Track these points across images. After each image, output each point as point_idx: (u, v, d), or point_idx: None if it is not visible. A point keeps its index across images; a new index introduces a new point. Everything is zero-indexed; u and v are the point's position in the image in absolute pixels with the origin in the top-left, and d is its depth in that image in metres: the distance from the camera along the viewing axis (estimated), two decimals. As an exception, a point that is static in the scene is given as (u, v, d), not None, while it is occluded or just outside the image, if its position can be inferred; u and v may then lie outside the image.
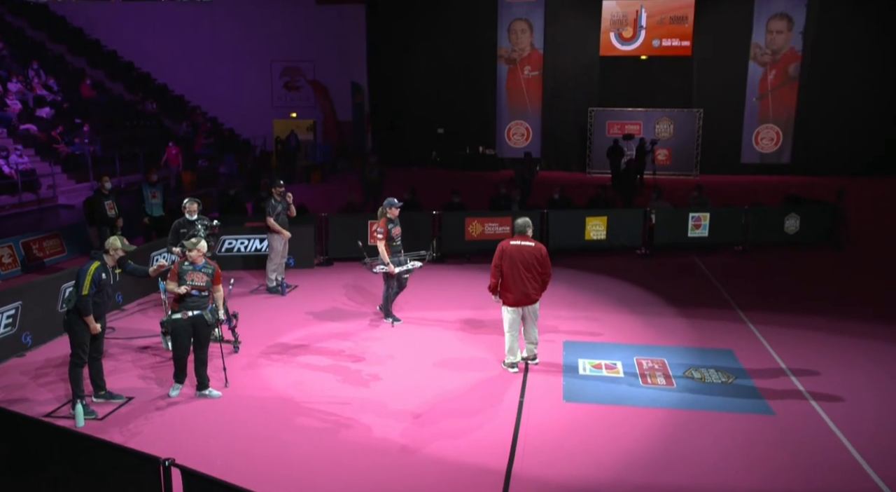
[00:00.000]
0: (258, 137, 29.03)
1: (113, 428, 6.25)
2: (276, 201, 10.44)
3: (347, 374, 7.56)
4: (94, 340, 6.54)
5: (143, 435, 6.12)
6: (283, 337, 8.71)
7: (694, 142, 26.46)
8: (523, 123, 28.18)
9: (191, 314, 6.66)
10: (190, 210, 8.84)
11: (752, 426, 6.38)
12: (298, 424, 6.39)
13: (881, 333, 8.91)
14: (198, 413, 6.59)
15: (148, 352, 8.15)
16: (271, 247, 10.52)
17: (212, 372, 7.04)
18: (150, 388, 7.13)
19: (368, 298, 10.43)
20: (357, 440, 6.12)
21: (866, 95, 25.54)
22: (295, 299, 10.39)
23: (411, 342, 8.57)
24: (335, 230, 12.45)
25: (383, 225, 8.95)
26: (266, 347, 8.34)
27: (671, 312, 9.81)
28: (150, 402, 6.79)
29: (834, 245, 13.68)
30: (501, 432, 6.27)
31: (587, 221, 13.13)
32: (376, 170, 16.33)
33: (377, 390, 7.16)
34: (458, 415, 6.61)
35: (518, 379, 7.40)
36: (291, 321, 9.32)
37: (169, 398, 6.84)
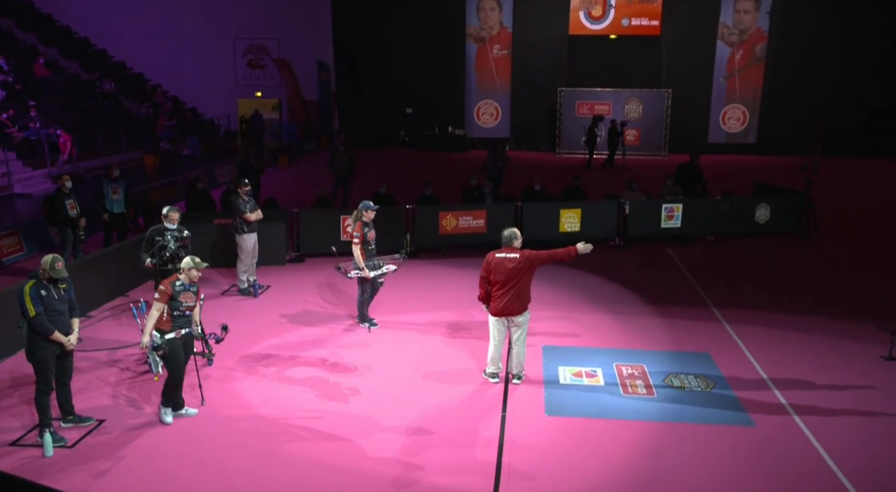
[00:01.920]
0: (222, 117, 28.35)
1: (83, 457, 6.02)
2: (244, 201, 10.14)
3: (324, 387, 7.42)
4: (61, 361, 6.28)
5: (115, 470, 5.89)
6: (257, 345, 8.51)
7: (663, 122, 26.55)
8: (492, 102, 27.94)
9: (183, 332, 6.53)
10: (172, 219, 8.41)
11: (733, 439, 6.42)
12: (276, 451, 6.22)
13: (852, 331, 9.04)
14: (172, 438, 6.39)
15: (118, 366, 7.89)
16: (240, 248, 10.25)
17: (186, 388, 6.84)
18: (122, 407, 6.90)
19: (343, 299, 10.26)
20: (336, 464, 6.00)
21: (831, 76, 25.84)
22: (268, 301, 10.16)
23: (389, 350, 8.44)
24: (307, 226, 12.19)
25: (359, 229, 8.77)
26: (240, 357, 8.14)
27: (647, 310, 9.83)
28: (123, 424, 6.57)
29: (802, 234, 13.86)
30: (486, 450, 6.21)
31: (561, 213, 13.07)
32: (346, 158, 15.99)
33: (355, 405, 7.03)
34: (441, 433, 6.52)
35: (499, 391, 7.34)
36: (265, 327, 9.11)
37: (142, 420, 6.63)
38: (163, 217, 8.45)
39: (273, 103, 29.45)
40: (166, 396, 6.59)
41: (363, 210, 8.82)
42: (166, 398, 6.59)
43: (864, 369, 7.90)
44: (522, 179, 18.49)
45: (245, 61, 29.39)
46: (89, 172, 19.38)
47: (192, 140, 24.58)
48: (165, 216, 8.42)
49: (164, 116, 25.51)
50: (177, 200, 16.86)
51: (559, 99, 26.67)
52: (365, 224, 8.82)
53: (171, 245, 8.16)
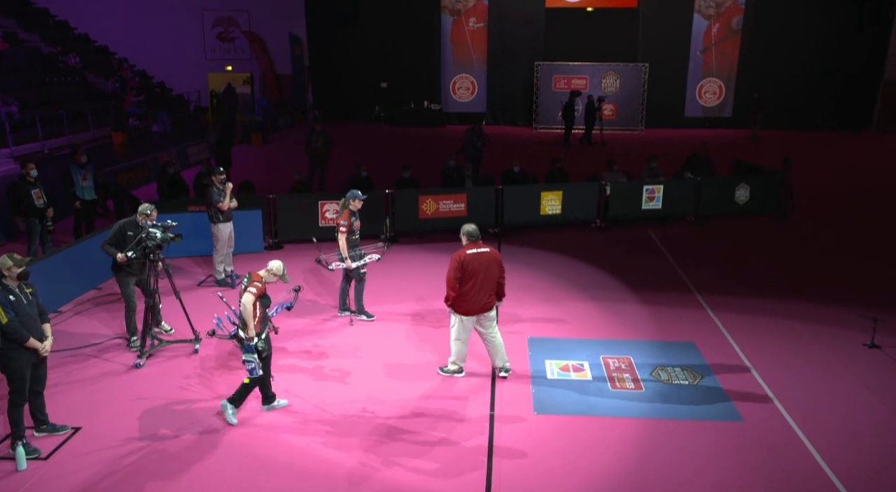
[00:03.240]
0: (192, 92, 27.60)
1: (59, 470, 5.81)
2: (218, 190, 9.82)
3: (304, 385, 7.25)
4: (35, 370, 6.02)
5: (93, 482, 5.69)
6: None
7: (639, 96, 26.42)
8: (469, 76, 27.55)
9: (265, 334, 6.55)
10: (152, 218, 7.89)
11: (722, 435, 6.40)
12: (263, 455, 6.08)
13: (834, 317, 9.08)
14: (152, 445, 6.20)
15: (90, 365, 7.63)
16: (216, 238, 9.96)
17: (172, 381, 6.63)
18: (98, 411, 6.68)
19: (324, 288, 10.07)
20: (319, 471, 5.87)
21: (807, 50, 25.84)
22: (245, 292, 9.91)
23: (371, 341, 8.29)
24: (284, 212, 11.90)
25: (347, 218, 8.51)
26: (219, 352, 7.92)
27: (631, 297, 9.78)
28: (100, 431, 6.35)
29: (780, 214, 13.90)
30: (475, 452, 6.12)
31: (542, 195, 12.93)
32: (322, 139, 15.63)
33: (339, 402, 6.88)
34: (428, 433, 6.41)
35: (486, 387, 7.24)
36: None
37: (120, 426, 6.42)
38: (141, 215, 7.87)
39: (245, 78, 28.74)
40: (243, 397, 6.52)
41: (351, 199, 8.55)
42: (239, 397, 6.53)
43: (847, 358, 7.93)
44: (501, 157, 18.32)
45: (214, 34, 28.56)
46: (55, 151, 18.75)
47: (161, 116, 23.89)
48: (147, 215, 7.86)
49: (131, 92, 24.72)
50: (147, 183, 16.44)
51: (536, 73, 26.36)
52: (352, 213, 8.57)
53: (157, 236, 7.69)
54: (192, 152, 19.17)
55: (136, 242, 7.74)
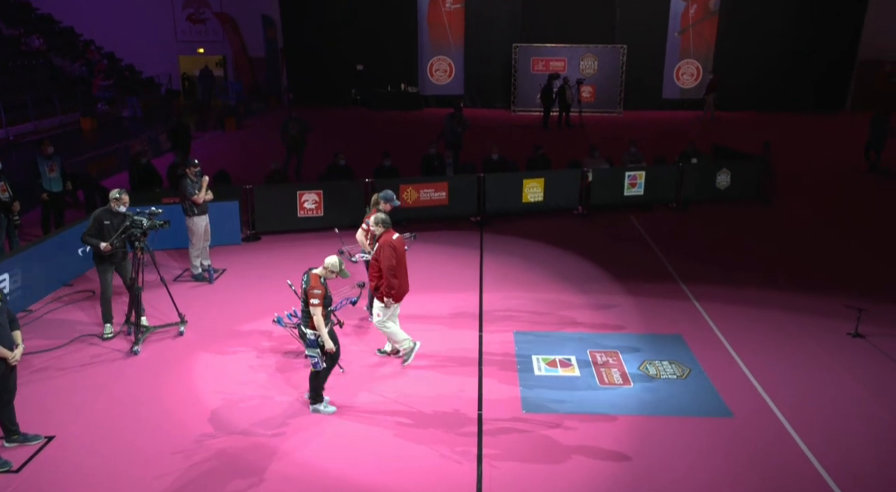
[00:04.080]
0: (163, 76, 26.92)
1: (32, 482, 5.58)
2: (192, 182, 9.52)
3: (288, 385, 7.07)
4: (4, 379, 5.76)
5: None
6: (217, 338, 8.06)
7: (618, 78, 26.29)
8: (446, 58, 27.20)
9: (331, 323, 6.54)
10: (123, 202, 7.91)
11: (713, 432, 6.34)
12: (243, 464, 5.90)
13: (818, 306, 9.08)
14: (127, 457, 5.97)
15: (62, 369, 7.36)
16: (191, 231, 9.67)
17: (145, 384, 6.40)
18: (71, 418, 6.43)
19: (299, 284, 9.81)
20: (304, 472, 5.71)
21: (783, 31, 25.85)
22: (225, 287, 9.67)
23: (352, 337, 8.11)
24: (261, 202, 11.61)
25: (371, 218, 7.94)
26: (199, 352, 7.70)
27: (616, 288, 9.69)
28: (73, 439, 6.12)
29: (762, 200, 13.90)
30: (464, 456, 5.99)
31: (524, 183, 12.78)
32: (298, 126, 15.29)
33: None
34: (415, 435, 6.27)
35: (472, 384, 7.10)
36: (224, 316, 8.65)
37: (94, 434, 6.19)
38: (113, 201, 7.86)
39: (217, 60, 28.10)
40: (317, 389, 6.52)
41: (384, 201, 8.06)
42: (318, 393, 6.51)
43: (833, 348, 7.92)
44: (481, 142, 18.12)
45: (185, 16, 27.81)
46: (20, 138, 18.19)
47: (131, 100, 23.29)
48: (117, 200, 7.86)
49: (99, 76, 24.05)
50: (118, 171, 15.99)
51: (514, 55, 26.09)
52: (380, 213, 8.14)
53: (143, 223, 7.74)
54: (164, 139, 18.68)
55: (122, 231, 7.77)
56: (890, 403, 6.84)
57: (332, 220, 11.89)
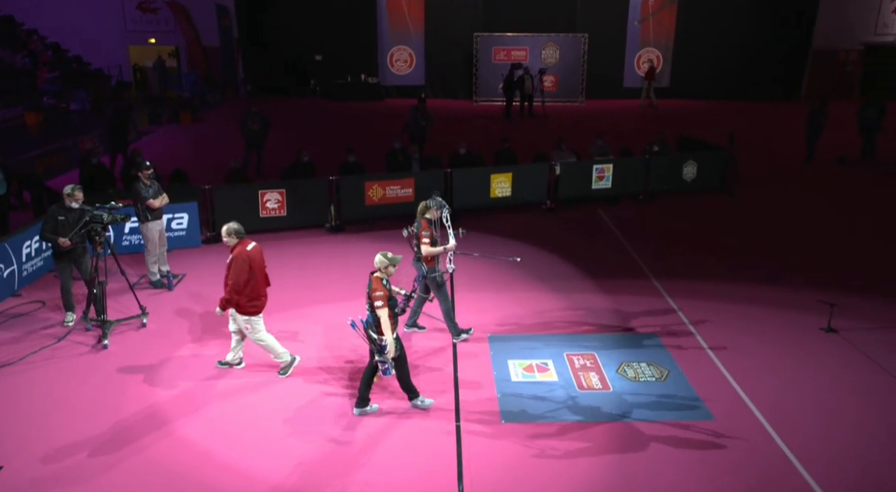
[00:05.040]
0: (113, 67, 25.89)
1: None
2: (145, 186, 9.06)
3: (255, 399, 6.76)
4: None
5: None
6: (180, 349, 7.69)
7: (579, 67, 26.22)
8: (406, 48, 26.78)
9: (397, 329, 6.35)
10: (76, 198, 8.02)
11: (696, 436, 6.24)
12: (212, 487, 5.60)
13: (789, 299, 9.08)
14: (92, 479, 5.63)
15: (11, 389, 6.93)
16: (146, 237, 9.23)
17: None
18: (23, 443, 6.03)
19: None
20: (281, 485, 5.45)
21: (741, 21, 26.05)
22: (185, 293, 9.26)
23: (326, 345, 7.82)
24: (222, 203, 11.16)
25: (427, 228, 7.57)
26: (162, 365, 7.32)
27: (589, 286, 9.56)
28: (25, 466, 5.73)
29: (727, 191, 13.95)
30: (443, 468, 5.78)
31: (492, 178, 12.57)
32: (258, 120, 14.80)
33: (293, 420, 6.43)
34: (393, 451, 6.04)
35: (449, 395, 6.88)
36: (187, 326, 8.27)
37: (49, 462, 5.81)
38: (67, 197, 8.00)
39: (169, 51, 27.17)
40: (409, 390, 6.51)
41: (434, 208, 7.56)
42: (411, 391, 6.52)
43: (808, 344, 7.91)
44: (445, 133, 17.87)
45: (135, 4, 26.77)
46: (-39, 137, 17.25)
47: (79, 93, 22.30)
48: (70, 196, 8.00)
49: (44, 67, 22.98)
50: (68, 170, 15.28)
51: (475, 45, 25.81)
52: (430, 222, 7.65)
53: (103, 217, 7.73)
54: (115, 135, 17.89)
55: (81, 225, 7.82)
56: (867, 400, 6.84)
57: (295, 219, 11.56)
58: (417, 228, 7.57)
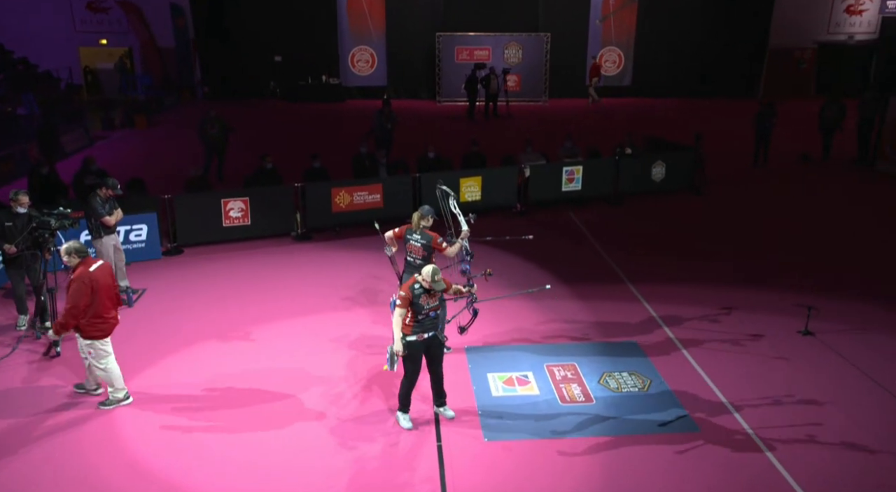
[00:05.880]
0: (62, 69, 24.97)
1: None
2: (102, 201, 8.60)
3: (225, 422, 6.43)
4: None
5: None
6: (144, 371, 7.29)
7: (542, 67, 26.17)
8: (368, 48, 26.39)
9: (426, 336, 6.15)
10: (21, 202, 7.86)
11: (682, 450, 6.10)
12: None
13: (766, 301, 9.05)
14: None
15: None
16: (100, 253, 8.74)
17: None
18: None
19: (235, 293, 9.11)
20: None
21: (701, 19, 26.28)
22: (147, 309, 8.83)
23: (298, 359, 7.50)
24: (182, 212, 10.73)
25: (434, 232, 7.25)
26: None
27: (565, 293, 9.41)
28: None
29: (694, 191, 13.97)
30: (426, 489, 5.56)
31: (461, 182, 12.35)
32: (218, 125, 14.34)
33: (265, 445, 6.13)
34: (373, 473, 5.78)
35: (429, 412, 6.63)
36: (149, 344, 7.85)
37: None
38: (13, 201, 7.85)
39: (122, 52, 26.33)
40: (401, 398, 6.38)
41: (430, 216, 7.24)
42: (401, 402, 6.38)
43: (787, 349, 7.86)
44: (411, 136, 17.61)
45: (84, 4, 25.85)
46: None
47: (26, 97, 21.40)
48: (15, 201, 7.84)
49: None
50: (16, 178, 14.62)
51: (437, 45, 25.56)
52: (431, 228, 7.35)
53: (51, 223, 7.50)
54: (67, 141, 17.24)
55: (28, 231, 7.63)
56: (850, 406, 6.79)
57: (260, 228, 11.19)
58: (426, 239, 7.13)
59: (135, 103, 22.08)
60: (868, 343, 8.01)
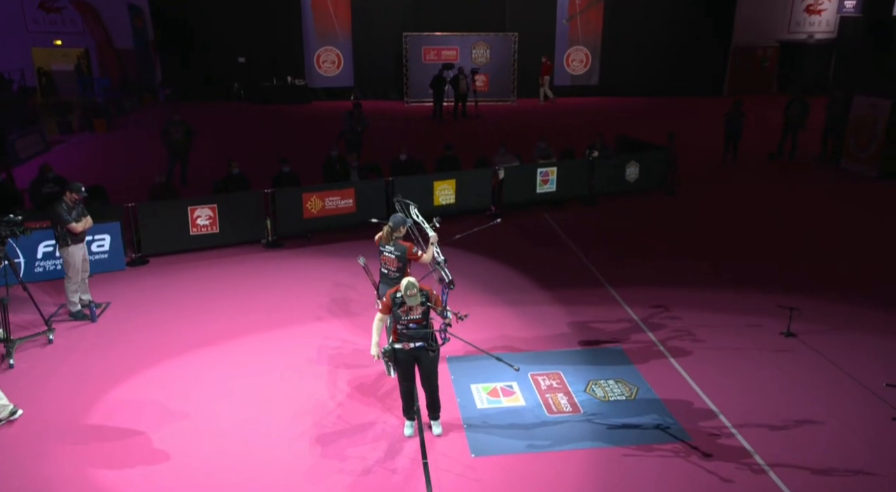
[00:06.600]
0: (14, 71, 24.11)
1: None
2: (68, 207, 8.21)
3: (195, 445, 6.12)
4: None
5: None
6: (108, 393, 6.91)
7: (510, 66, 26.06)
8: (333, 49, 25.98)
9: (412, 346, 5.99)
10: None
11: (675, 459, 5.97)
12: None
13: (741, 302, 9.01)
14: None
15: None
16: (67, 263, 8.36)
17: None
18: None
19: (207, 306, 8.76)
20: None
21: (666, 18, 26.44)
22: (111, 324, 8.42)
23: (267, 383, 7.20)
24: (147, 221, 10.30)
25: (408, 242, 7.12)
26: (87, 409, 6.55)
27: (545, 297, 9.25)
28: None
29: (667, 191, 13.95)
30: (415, 516, 5.33)
31: (435, 185, 12.12)
32: (181, 129, 13.89)
33: (238, 474, 5.83)
34: (358, 488, 5.54)
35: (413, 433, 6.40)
36: (115, 362, 7.47)
37: None
38: None
39: (77, 53, 25.51)
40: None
41: (402, 225, 7.05)
42: (403, 409, 6.30)
43: (771, 351, 7.80)
44: (381, 138, 17.36)
45: (36, 3, 24.98)
46: None
47: (-23, 101, 20.61)
48: None
49: (-64, 73, 21.16)
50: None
51: (405, 45, 25.28)
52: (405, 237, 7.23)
53: (1, 231, 7.24)
54: (21, 146, 16.55)
55: None
56: (836, 408, 6.74)
57: (229, 236, 10.83)
58: (400, 250, 6.92)
59: (93, 106, 21.36)
60: (849, 344, 7.99)
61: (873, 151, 15.24)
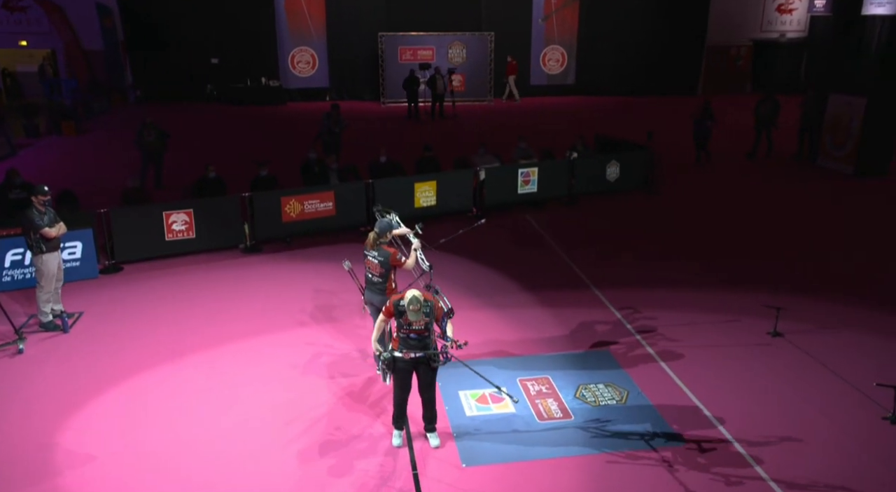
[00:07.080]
0: (-22, 73, 23.48)
1: None
2: (39, 212, 7.92)
3: (176, 462, 5.90)
4: None
5: None
6: (83, 408, 6.66)
7: (487, 66, 25.99)
8: (308, 49, 25.71)
9: (413, 355, 5.88)
10: None
11: (668, 464, 5.88)
12: None
13: (726, 301, 8.98)
14: None
15: None
16: (40, 272, 8.07)
17: None
18: None
19: (185, 315, 8.50)
20: None
21: (641, 17, 26.54)
22: (84, 335, 8.14)
23: (249, 394, 6.99)
24: (121, 226, 10.01)
25: (392, 248, 6.98)
26: (59, 425, 6.28)
27: (530, 300, 9.14)
28: None
29: (648, 190, 13.94)
30: (406, 530, 5.17)
31: (416, 187, 11.96)
32: (154, 132, 13.56)
33: (228, 471, 5.63)
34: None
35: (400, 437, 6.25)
36: (88, 375, 7.20)
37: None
38: None
39: (44, 54, 24.90)
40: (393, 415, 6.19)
41: (388, 231, 6.96)
42: (392, 418, 6.18)
43: (759, 351, 7.75)
44: (359, 139, 17.17)
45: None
46: None
47: (-60, 104, 20.03)
48: None
49: None
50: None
51: (380, 45, 25.07)
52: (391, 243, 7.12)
53: None
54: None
55: None
56: (824, 407, 6.71)
57: (206, 242, 10.56)
58: (384, 255, 6.80)
59: (61, 108, 20.86)
60: (836, 343, 7.98)
61: (849, 149, 15.38)
